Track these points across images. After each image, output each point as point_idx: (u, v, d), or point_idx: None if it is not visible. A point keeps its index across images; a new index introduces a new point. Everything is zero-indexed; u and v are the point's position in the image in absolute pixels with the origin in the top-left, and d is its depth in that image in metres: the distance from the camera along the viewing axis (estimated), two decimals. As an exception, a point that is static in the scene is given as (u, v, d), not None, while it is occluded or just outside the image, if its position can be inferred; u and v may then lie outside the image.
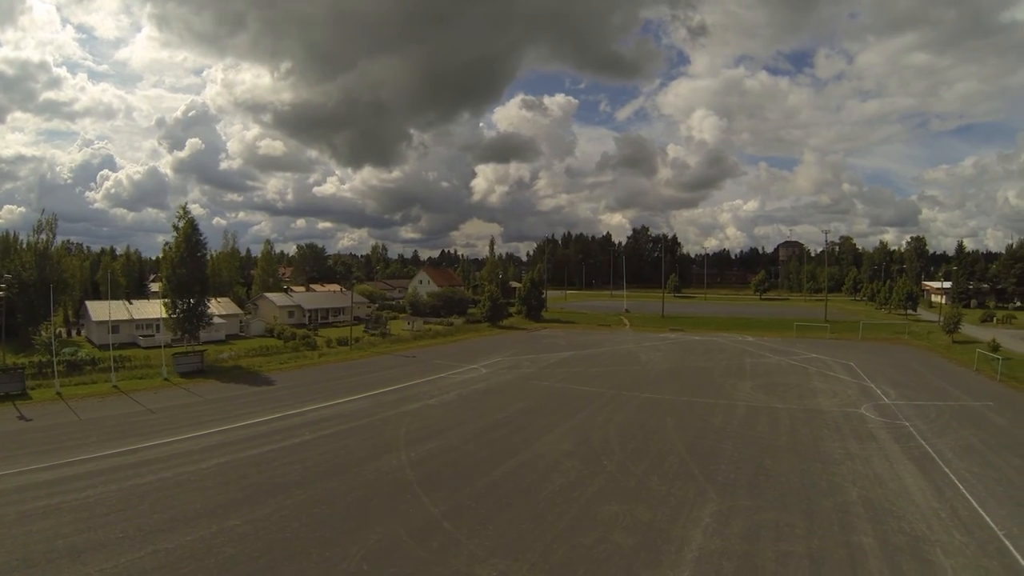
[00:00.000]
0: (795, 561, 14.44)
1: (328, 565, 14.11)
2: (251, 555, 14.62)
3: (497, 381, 39.49)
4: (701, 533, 15.98)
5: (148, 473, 20.88)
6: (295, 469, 21.37)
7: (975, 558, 14.81)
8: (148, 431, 26.64)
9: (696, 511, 17.56)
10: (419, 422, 28.20)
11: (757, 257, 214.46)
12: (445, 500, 18.25)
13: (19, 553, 14.64)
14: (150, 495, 18.78)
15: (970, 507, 18.10)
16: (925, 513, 17.63)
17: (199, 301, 47.38)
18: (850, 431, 27.21)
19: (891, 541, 15.67)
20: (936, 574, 14.01)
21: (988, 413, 30.57)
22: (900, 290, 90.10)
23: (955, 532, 16.28)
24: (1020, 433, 26.98)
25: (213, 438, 25.47)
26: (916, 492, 19.40)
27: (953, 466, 22.05)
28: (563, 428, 27.26)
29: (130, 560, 14.33)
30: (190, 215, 47.96)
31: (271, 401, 33.01)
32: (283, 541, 15.44)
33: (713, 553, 14.80)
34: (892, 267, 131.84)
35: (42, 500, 18.22)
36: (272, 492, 19.06)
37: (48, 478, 20.28)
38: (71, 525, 16.37)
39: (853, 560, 14.58)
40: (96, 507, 17.72)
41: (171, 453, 23.33)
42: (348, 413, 30.10)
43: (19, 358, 45.46)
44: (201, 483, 19.97)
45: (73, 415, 30.08)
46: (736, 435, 26.39)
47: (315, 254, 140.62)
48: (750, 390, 36.58)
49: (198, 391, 36.04)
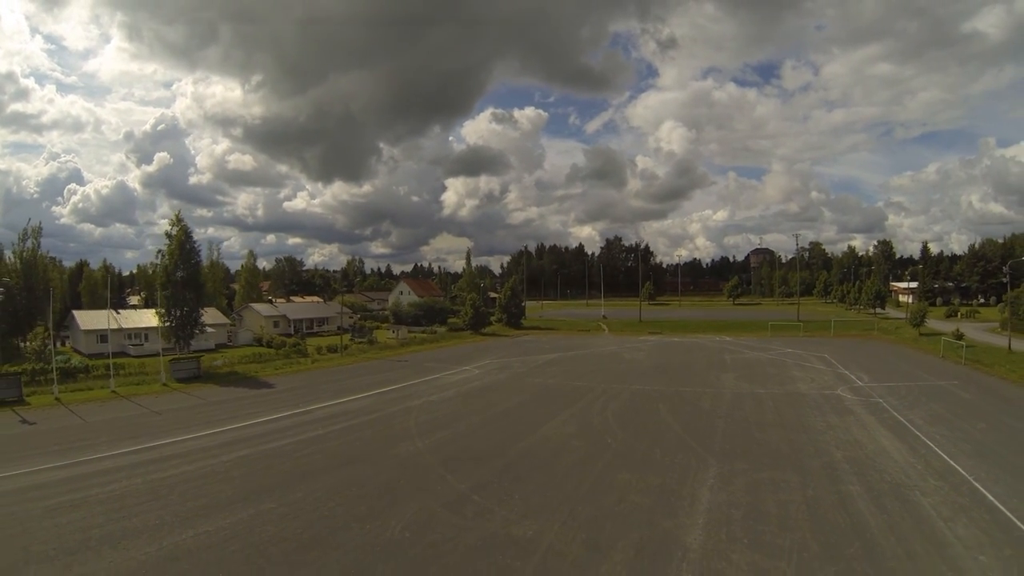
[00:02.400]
0: (794, 506, 16.16)
1: (372, 536, 14.78)
2: (294, 532, 15.10)
3: (492, 380, 40.84)
4: (708, 491, 17.59)
5: (170, 467, 21.12)
6: (317, 458, 22.24)
7: (949, 496, 16.76)
8: (159, 431, 26.97)
9: (700, 474, 19.18)
10: (425, 415, 29.39)
11: (728, 265, 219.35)
12: (468, 478, 19.32)
13: (54, 543, 14.58)
14: (178, 486, 18.93)
15: (942, 460, 20.17)
16: (902, 466, 19.62)
17: (193, 308, 47.94)
18: (829, 408, 29.33)
19: (875, 488, 17.55)
20: (917, 510, 15.85)
21: (954, 390, 33.06)
22: (868, 290, 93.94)
23: (930, 478, 18.25)
24: (983, 404, 29.47)
25: (227, 435, 26.03)
26: (893, 451, 21.44)
27: (924, 431, 24.25)
28: (563, 416, 28.72)
29: (174, 543, 14.46)
30: (183, 223, 48.63)
31: (275, 402, 33.83)
32: (322, 519, 15.99)
33: (722, 504, 16.42)
34: (860, 270, 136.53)
35: (66, 495, 18.18)
36: (300, 478, 19.67)
37: (67, 475, 20.37)
38: (103, 516, 16.43)
39: (844, 503, 16.37)
40: (125, 499, 17.81)
41: (188, 449, 23.71)
42: (354, 410, 31.12)
43: (6, 367, 45.38)
44: (227, 474, 20.37)
45: (77, 418, 30.35)
46: (725, 415, 28.23)
47: (292, 267, 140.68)
48: (733, 380, 38.60)
49: (200, 394, 36.66)
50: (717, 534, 14.42)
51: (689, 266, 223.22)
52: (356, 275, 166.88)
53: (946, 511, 15.73)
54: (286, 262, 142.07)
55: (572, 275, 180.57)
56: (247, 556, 13.68)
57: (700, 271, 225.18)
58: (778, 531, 14.54)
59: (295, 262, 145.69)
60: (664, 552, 13.48)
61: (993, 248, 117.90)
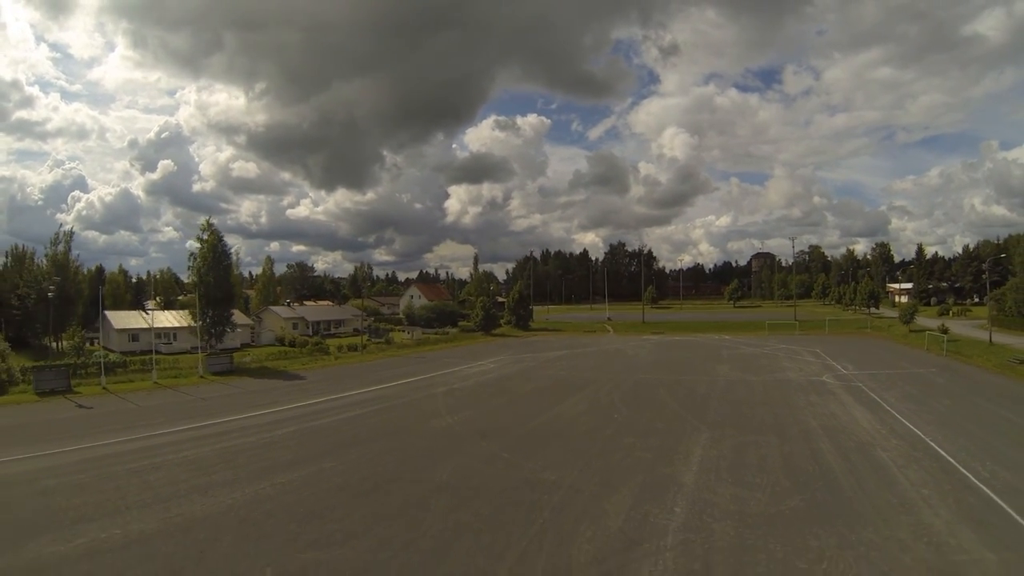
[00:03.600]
0: (772, 459, 19.32)
1: (423, 482, 17.75)
2: (356, 481, 17.98)
3: (507, 372, 44.11)
4: (700, 448, 20.78)
5: (230, 440, 23.75)
6: (361, 431, 25.32)
7: (906, 452, 19.90)
8: (210, 412, 29.75)
9: (694, 438, 22.40)
10: (451, 399, 32.58)
11: (731, 270, 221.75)
12: (497, 442, 22.42)
13: (149, 494, 16.67)
14: (243, 453, 21.53)
15: (905, 427, 23.36)
16: (869, 431, 22.82)
17: (226, 307, 51.27)
18: (812, 390, 32.61)
19: (843, 446, 20.73)
20: (876, 460, 19.01)
21: (930, 376, 36.24)
22: (863, 290, 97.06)
23: (892, 439, 21.43)
24: (953, 386, 32.70)
25: (273, 416, 28.91)
26: (863, 421, 24.68)
27: (895, 406, 27.42)
28: (574, 398, 31.90)
29: (254, 491, 16.85)
30: (214, 227, 52.04)
31: (309, 390, 37.03)
32: (378, 472, 18.92)
33: (712, 457, 19.59)
34: (859, 272, 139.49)
35: (145, 460, 20.40)
36: (350, 445, 22.69)
37: (140, 446, 22.69)
38: (185, 474, 18.60)
39: (814, 456, 19.54)
40: (199, 462, 20.14)
41: (241, 426, 26.43)
42: (385, 396, 34.33)
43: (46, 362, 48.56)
44: (283, 443, 23.09)
45: (130, 403, 33.20)
46: (719, 397, 31.48)
47: (303, 273, 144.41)
48: (728, 370, 41.81)
49: (237, 385, 39.88)
50: (707, 476, 17.61)
51: (692, 271, 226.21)
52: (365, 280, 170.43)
53: (901, 461, 18.88)
54: (297, 268, 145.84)
55: (576, 280, 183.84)
56: (320, 497, 16.57)
57: (703, 276, 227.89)
58: (757, 474, 17.73)
59: (306, 268, 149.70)
60: (663, 488, 16.63)
61: (988, 249, 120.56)
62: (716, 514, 14.53)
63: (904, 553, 12.28)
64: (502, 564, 11.94)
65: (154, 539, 13.66)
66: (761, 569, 11.62)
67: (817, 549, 12.45)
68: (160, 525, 14.49)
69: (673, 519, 14.24)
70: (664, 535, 13.29)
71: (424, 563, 12.13)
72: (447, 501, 16.03)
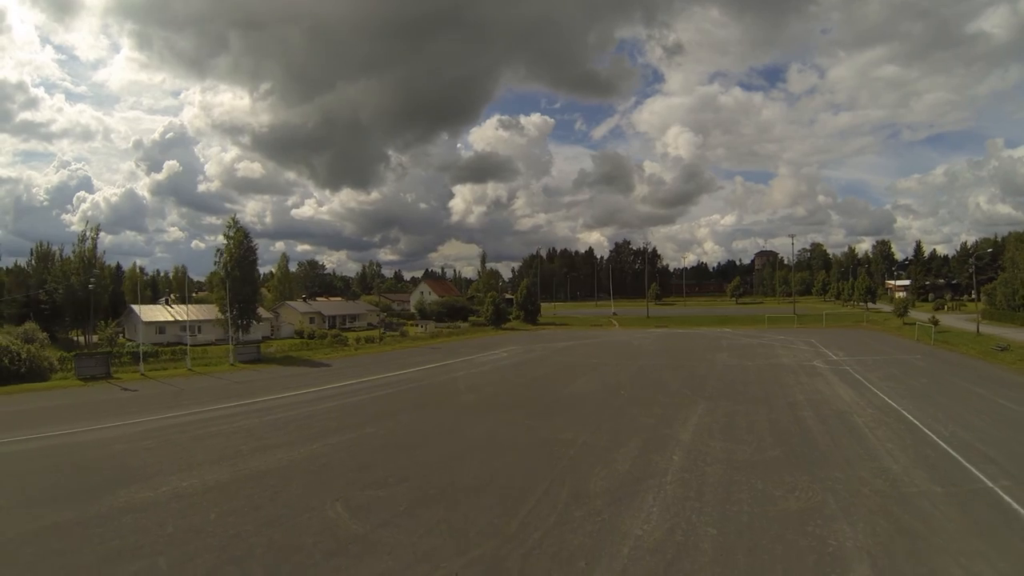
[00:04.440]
0: (759, 423, 22.11)
1: (457, 442, 20.51)
2: (396, 442, 20.61)
3: (520, 359, 47.04)
4: (696, 416, 23.60)
5: (277, 413, 26.15)
6: (394, 405, 28.13)
7: (879, 417, 22.67)
8: (250, 393, 32.06)
9: (692, 408, 25.23)
10: (471, 381, 35.43)
11: (735, 269, 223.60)
12: (518, 413, 25.20)
13: (214, 455, 18.55)
14: (291, 423, 24.03)
15: (882, 400, 26.13)
16: (849, 403, 25.62)
17: (251, 299, 54.22)
18: (802, 372, 35.49)
19: (823, 414, 23.53)
20: (851, 423, 21.81)
21: (914, 361, 39.04)
22: (860, 286, 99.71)
23: (868, 409, 24.21)
24: (933, 368, 35.52)
25: (310, 395, 31.55)
26: (844, 395, 27.52)
27: (876, 384, 30.21)
28: (584, 379, 34.76)
29: (309, 450, 19.50)
30: (239, 224, 54.99)
31: (337, 375, 39.89)
32: (415, 436, 21.58)
33: (706, 422, 22.41)
34: (859, 269, 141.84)
35: (202, 430, 22.40)
36: (387, 416, 25.29)
37: (195, 419, 24.67)
38: (243, 440, 20.64)
39: (797, 421, 22.37)
40: (254, 430, 22.35)
41: (284, 403, 28.88)
42: (409, 379, 37.21)
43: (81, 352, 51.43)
44: (324, 416, 25.61)
45: (171, 386, 35.50)
46: (716, 377, 34.33)
47: (314, 270, 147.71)
48: (726, 357, 44.68)
49: (268, 371, 42.75)
50: (701, 435, 20.42)
51: (696, 270, 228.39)
52: (375, 278, 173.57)
53: (872, 424, 21.64)
54: (308, 266, 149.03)
55: (582, 278, 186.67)
56: (369, 453, 19.26)
57: (707, 274, 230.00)
58: (745, 434, 20.52)
59: (316, 265, 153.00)
60: (664, 443, 19.43)
61: (987, 247, 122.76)
62: (709, 460, 17.33)
63: (863, 486, 14.98)
64: (533, 493, 14.67)
65: (230, 486, 15.59)
66: (744, 495, 14.35)
67: (791, 484, 15.19)
68: (232, 476, 16.75)
69: (672, 464, 17.03)
70: (665, 474, 16.07)
71: (468, 495, 14.86)
72: (480, 454, 18.85)
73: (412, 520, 12.88)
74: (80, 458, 18.88)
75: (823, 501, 13.77)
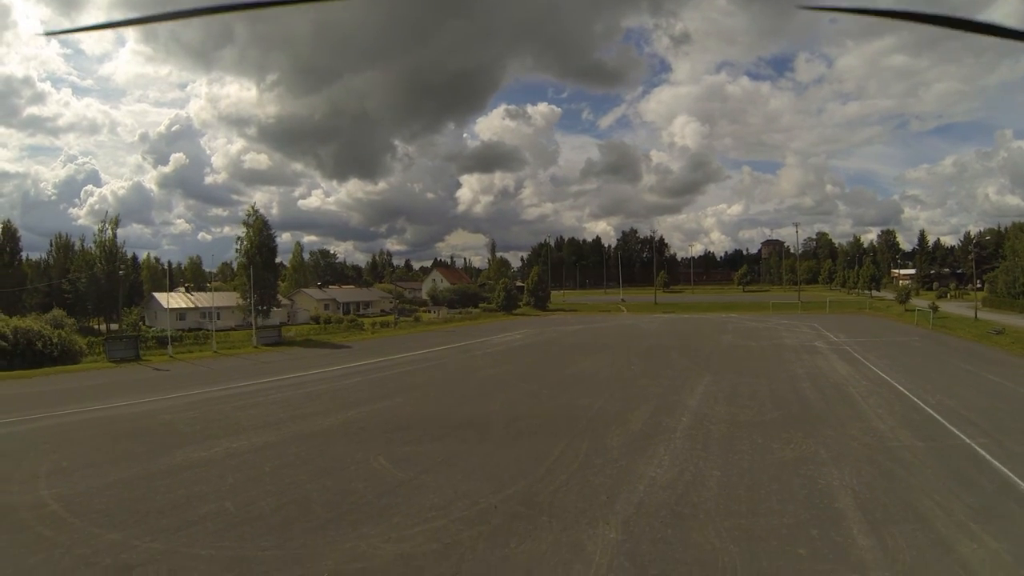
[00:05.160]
0: (761, 392, 23.90)
1: (483, 407, 22.44)
2: (424, 410, 22.32)
3: (533, 340, 48.92)
4: (703, 386, 25.41)
5: (308, 387, 27.63)
6: (417, 380, 29.96)
7: (871, 388, 24.45)
8: (279, 371, 33.21)
9: (698, 379, 27.05)
10: (488, 359, 37.35)
11: (741, 258, 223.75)
12: (536, 384, 27.12)
13: (258, 421, 19.85)
14: (322, 396, 25.53)
15: (876, 374, 27.89)
16: (845, 376, 27.39)
17: (272, 285, 56.17)
18: (804, 351, 37.23)
19: (820, 385, 25.33)
20: (845, 392, 23.61)
21: (911, 342, 40.76)
22: (864, 274, 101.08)
23: (862, 382, 25.96)
24: (928, 348, 37.31)
25: (337, 372, 33.28)
26: (841, 370, 29.28)
27: (872, 361, 31.95)
28: (596, 356, 36.66)
29: (345, 416, 20.97)
30: (259, 212, 56.88)
31: (359, 355, 41.62)
32: (442, 404, 23.40)
33: (711, 391, 24.21)
34: (865, 258, 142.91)
35: (241, 402, 23.72)
36: (412, 389, 27.19)
37: (231, 394, 25.96)
38: (281, 410, 21.94)
39: (796, 390, 24.17)
40: (290, 402, 23.70)
41: (312, 379, 30.43)
42: (428, 358, 39.00)
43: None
44: (354, 389, 27.35)
45: (201, 367, 36.72)
46: (722, 355, 36.25)
47: (325, 259, 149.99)
48: (731, 338, 46.50)
49: (291, 353, 44.61)
50: (707, 401, 22.22)
51: (703, 259, 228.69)
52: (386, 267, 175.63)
53: (865, 393, 23.38)
54: (320, 255, 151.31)
55: (590, 266, 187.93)
56: (402, 418, 20.96)
57: (713, 264, 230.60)
58: (747, 401, 22.31)
59: (328, 255, 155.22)
60: (672, 408, 21.24)
61: (992, 237, 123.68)
62: (714, 421, 19.14)
63: (853, 441, 16.74)
64: (556, 447, 16.42)
65: (278, 445, 16.88)
66: (745, 447, 16.13)
67: (788, 439, 16.96)
68: (278, 438, 18.22)
69: (680, 424, 18.83)
70: (674, 432, 17.86)
71: (498, 449, 16.66)
72: (503, 418, 20.65)
73: (450, 468, 14.57)
74: (131, 427, 20.09)
75: (815, 452, 15.54)
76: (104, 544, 10.21)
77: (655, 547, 9.95)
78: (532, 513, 11.55)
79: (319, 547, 10.08)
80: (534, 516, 11.40)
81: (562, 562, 9.40)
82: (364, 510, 11.89)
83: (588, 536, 10.39)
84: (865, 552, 9.69)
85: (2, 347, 36.82)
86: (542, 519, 11.25)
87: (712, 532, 10.48)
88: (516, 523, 11.05)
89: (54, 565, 9.49)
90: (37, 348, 38.44)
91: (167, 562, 9.55)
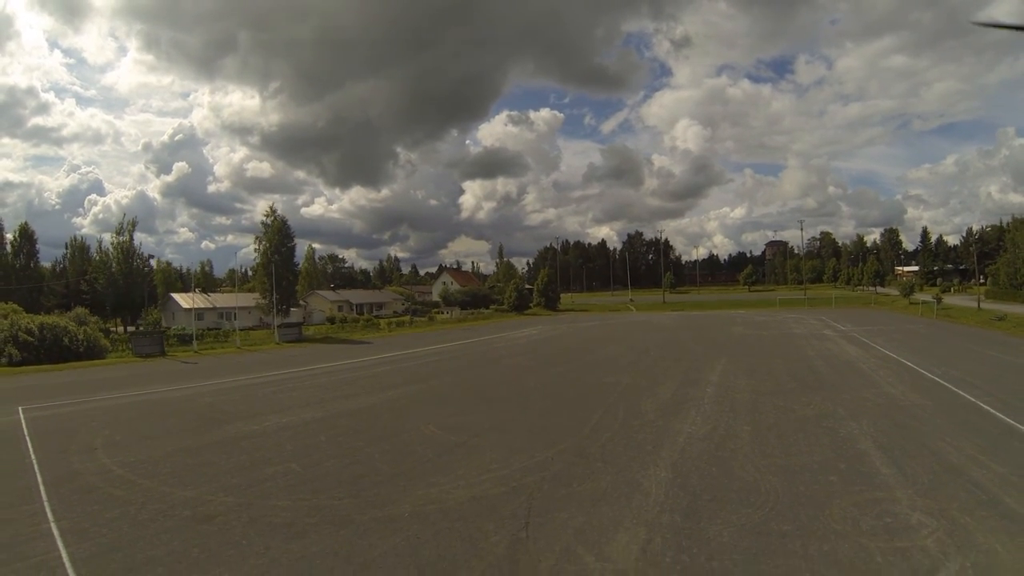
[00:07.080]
0: (777, 369, 25.38)
1: (517, 386, 23.72)
2: (460, 391, 23.49)
3: (550, 335, 50.35)
4: (721, 365, 26.89)
5: (339, 375, 27.92)
6: (445, 367, 31.15)
7: (881, 364, 25.94)
8: (307, 363, 33.67)
9: (716, 361, 28.52)
10: (512, 349, 38.74)
11: (745, 260, 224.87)
12: (562, 368, 28.57)
13: (301, 402, 20.76)
14: (356, 382, 26.26)
15: (884, 353, 29.39)
16: (855, 356, 28.95)
17: (291, 285, 57.67)
18: (814, 338, 38.73)
19: (832, 363, 26.81)
20: (857, 367, 25.11)
21: (916, 328, 42.46)
22: (868, 270, 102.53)
23: (872, 359, 27.45)
24: (933, 333, 38.94)
25: (365, 362, 34.06)
26: (851, 351, 30.82)
27: (880, 344, 33.47)
28: (614, 346, 38.07)
29: (385, 396, 21.83)
30: (277, 213, 58.43)
31: (383, 349, 42.94)
32: (475, 386, 24.54)
33: (730, 369, 25.71)
34: (869, 256, 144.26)
35: (279, 387, 24.38)
36: (443, 374, 28.21)
37: (266, 381, 26.58)
38: (321, 393, 22.67)
39: (811, 368, 25.62)
40: (325, 387, 24.23)
41: (343, 368, 30.58)
42: (449, 350, 40.33)
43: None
44: (387, 376, 28.14)
45: (228, 361, 37.20)
46: (735, 343, 37.70)
47: (336, 264, 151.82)
48: (742, 330, 47.93)
49: (314, 348, 45.86)
50: (728, 376, 23.70)
51: (707, 261, 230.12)
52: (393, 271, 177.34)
53: (875, 367, 24.86)
54: (329, 259, 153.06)
55: (596, 269, 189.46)
56: (440, 396, 22.21)
57: (717, 266, 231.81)
58: (765, 376, 23.77)
59: (338, 259, 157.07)
60: (697, 382, 22.69)
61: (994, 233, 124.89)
62: (737, 391, 20.60)
63: (866, 402, 18.15)
64: (595, 413, 17.82)
65: (326, 419, 17.56)
66: (769, 409, 17.57)
67: (807, 401, 18.42)
68: (325, 414, 18.36)
69: (706, 394, 20.26)
70: (702, 400, 19.30)
71: (541, 417, 18.02)
72: (540, 393, 22.10)
73: (499, 433, 15.77)
74: (175, 408, 20.61)
75: (834, 410, 17.01)
76: (178, 499, 10.78)
77: (703, 480, 11.36)
78: (586, 461, 12.84)
79: (392, 495, 10.97)
80: (589, 463, 12.71)
81: (623, 495, 10.70)
82: (427, 467, 12.61)
83: (642, 475, 11.76)
84: (889, 477, 11.14)
85: (28, 342, 37.75)
86: (597, 465, 12.58)
87: (752, 468, 11.92)
88: (574, 468, 12.35)
89: (132, 518, 9.95)
90: (64, 344, 39.37)
91: (246, 512, 10.27)
